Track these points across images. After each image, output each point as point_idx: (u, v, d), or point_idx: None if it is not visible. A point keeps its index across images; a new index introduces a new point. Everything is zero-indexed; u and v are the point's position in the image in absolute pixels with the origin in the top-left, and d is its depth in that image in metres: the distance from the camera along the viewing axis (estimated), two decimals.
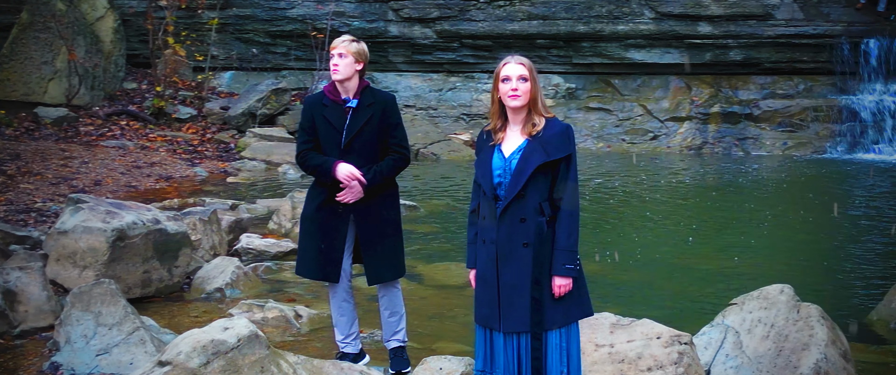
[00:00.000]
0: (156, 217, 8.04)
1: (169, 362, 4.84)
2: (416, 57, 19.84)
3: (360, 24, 19.45)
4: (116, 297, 6.52)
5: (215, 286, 8.17)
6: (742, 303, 6.48)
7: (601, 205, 13.11)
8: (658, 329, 5.88)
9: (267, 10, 19.65)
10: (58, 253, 7.61)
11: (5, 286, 6.98)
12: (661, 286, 8.94)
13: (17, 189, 12.47)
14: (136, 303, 7.72)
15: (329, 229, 6.01)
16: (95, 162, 14.63)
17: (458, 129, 19.03)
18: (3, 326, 6.88)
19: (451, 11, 19.21)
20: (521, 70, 4.82)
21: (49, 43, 18.00)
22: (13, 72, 17.91)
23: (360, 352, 6.29)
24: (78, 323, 6.43)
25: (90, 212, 7.71)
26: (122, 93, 19.14)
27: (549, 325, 4.78)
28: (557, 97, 19.68)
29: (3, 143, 15.23)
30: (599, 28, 18.97)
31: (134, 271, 7.73)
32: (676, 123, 19.39)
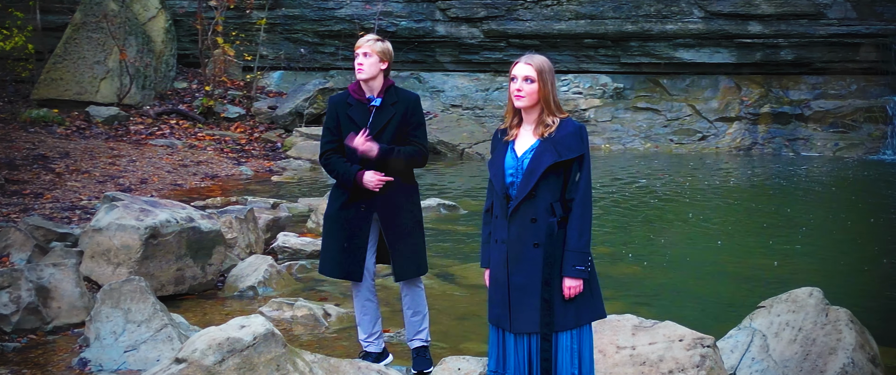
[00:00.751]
0: (190, 215, 8.12)
1: (185, 359, 4.88)
2: (463, 57, 19.84)
3: (408, 24, 19.50)
4: (146, 294, 6.59)
5: (248, 284, 8.24)
6: (770, 306, 6.40)
7: (642, 206, 13.02)
8: (681, 331, 5.82)
9: (316, 10, 19.77)
10: (92, 250, 7.72)
11: (39, 283, 7.09)
12: (694, 288, 8.86)
13: (65, 187, 12.67)
14: (169, 300, 7.84)
15: (352, 228, 6.04)
16: (143, 160, 14.82)
17: None
18: (36, 322, 6.99)
19: (499, 11, 19.18)
20: (527, 71, 4.81)
21: (101, 43, 18.28)
22: (66, 71, 18.20)
23: (383, 351, 6.31)
24: (107, 320, 6.51)
25: (124, 210, 7.81)
26: (172, 92, 19.38)
27: (560, 327, 4.76)
28: (605, 97, 19.57)
29: (53, 141, 15.49)
30: (648, 27, 18.83)
31: (167, 268, 7.82)
32: (725, 124, 19.19)
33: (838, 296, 6.97)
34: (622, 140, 19.13)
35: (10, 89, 18.72)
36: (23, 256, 8.44)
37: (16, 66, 18.80)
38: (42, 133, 16.10)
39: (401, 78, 20.13)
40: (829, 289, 6.59)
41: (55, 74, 18.19)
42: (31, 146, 14.80)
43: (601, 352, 5.83)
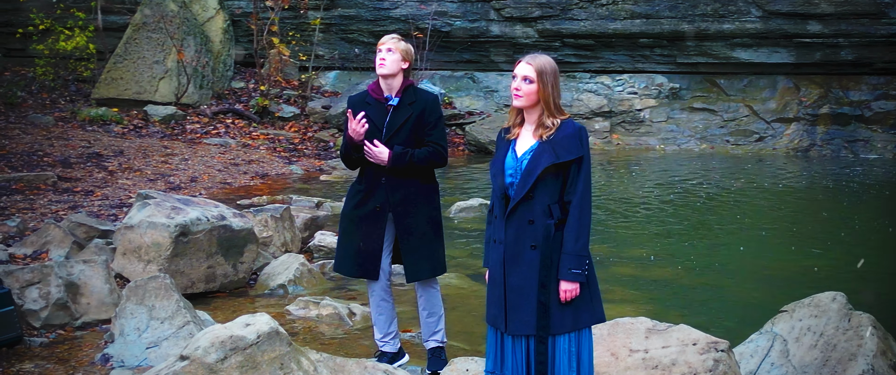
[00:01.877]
0: (221, 214, 8.21)
1: (188, 356, 4.94)
2: (518, 56, 19.64)
3: (462, 24, 19.50)
4: (170, 291, 6.68)
5: (278, 283, 8.31)
6: (792, 310, 6.29)
7: (690, 207, 12.87)
8: (695, 335, 5.75)
9: (371, 10, 19.85)
10: (124, 247, 7.85)
11: (68, 279, 7.22)
12: (728, 291, 8.74)
13: (115, 185, 12.89)
14: (199, 298, 7.95)
15: (367, 227, 6.05)
16: (195, 159, 15.02)
17: None
18: (65, 317, 7.13)
19: (553, 10, 19.09)
20: (527, 70, 4.80)
21: (161, 43, 18.56)
22: (126, 71, 18.51)
23: (400, 351, 6.32)
24: (132, 316, 6.61)
25: (156, 208, 7.93)
26: (229, 92, 19.61)
27: (557, 330, 4.72)
28: (661, 97, 19.38)
29: (109, 139, 15.78)
30: (704, 27, 18.59)
31: (198, 266, 7.92)
32: (783, 125, 18.89)
33: (869, 302, 6.84)
34: (677, 141, 18.93)
35: (72, 89, 19.10)
36: (61, 252, 8.62)
37: (78, 65, 19.18)
38: (99, 132, 16.41)
39: (455, 78, 20.17)
40: (865, 295, 6.46)
41: (115, 73, 18.51)
42: (87, 144, 15.08)
43: (613, 355, 5.79)
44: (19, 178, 12.48)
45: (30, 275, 7.11)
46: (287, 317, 7.56)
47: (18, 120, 16.50)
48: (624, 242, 10.58)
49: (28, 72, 19.38)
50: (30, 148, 14.39)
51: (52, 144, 14.88)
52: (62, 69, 19.26)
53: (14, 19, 20.08)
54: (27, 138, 15.01)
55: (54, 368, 6.38)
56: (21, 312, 7.01)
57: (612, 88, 19.47)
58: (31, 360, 6.50)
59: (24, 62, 19.93)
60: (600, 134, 19.02)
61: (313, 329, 7.31)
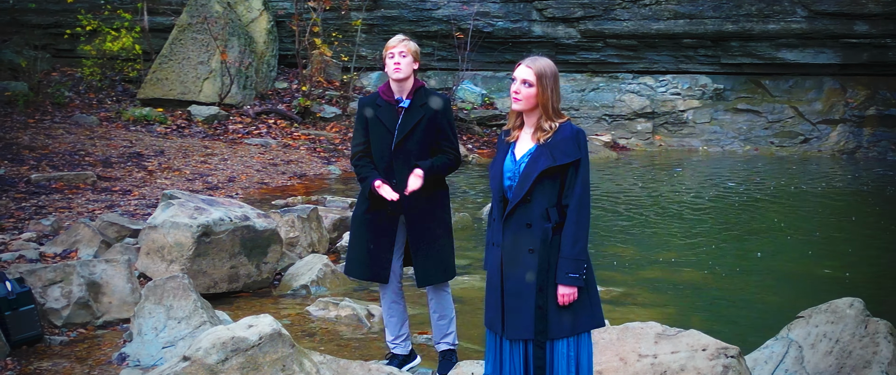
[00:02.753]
0: (245, 214, 8.26)
1: (189, 357, 4.98)
2: (560, 57, 19.68)
3: (504, 25, 19.46)
4: (188, 291, 6.73)
5: (301, 283, 8.35)
6: (809, 316, 6.20)
7: (727, 210, 12.71)
8: (705, 340, 5.68)
9: (414, 10, 19.89)
10: (148, 247, 7.93)
11: (90, 278, 7.32)
12: (754, 296, 8.64)
13: (153, 184, 13.04)
14: (222, 298, 8.01)
15: (378, 230, 6.05)
16: (234, 159, 15.15)
17: (600, 130, 18.81)
18: (87, 316, 7.22)
19: (596, 11, 18.99)
20: (526, 74, 4.75)
21: (205, 44, 18.73)
22: (171, 71, 18.71)
23: (411, 353, 6.32)
24: (150, 316, 6.68)
25: (179, 208, 8.00)
26: (273, 92, 19.75)
27: (555, 334, 4.69)
28: (704, 98, 19.19)
29: (151, 139, 15.97)
30: (749, 27, 18.37)
31: (220, 266, 7.98)
32: (829, 126, 18.62)
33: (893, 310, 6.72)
34: (721, 142, 18.73)
35: (118, 89, 19.34)
36: (90, 251, 8.74)
37: (124, 66, 19.44)
38: (142, 132, 16.61)
39: (497, 78, 20.13)
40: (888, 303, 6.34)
41: (161, 73, 18.71)
42: (128, 144, 15.28)
43: (622, 360, 5.74)
44: (59, 177, 12.67)
45: (52, 274, 7.22)
46: (307, 318, 7.60)
47: (64, 120, 16.76)
48: (653, 245, 10.49)
49: (76, 72, 19.66)
50: (72, 148, 14.61)
51: (94, 143, 15.09)
52: (109, 70, 19.52)
53: (63, 21, 20.41)
54: (70, 138, 15.24)
55: (71, 366, 6.46)
56: (43, 310, 7.11)
57: (655, 88, 19.32)
58: (50, 358, 6.60)
59: (73, 63, 20.23)
60: (642, 135, 18.89)
61: (332, 330, 7.34)
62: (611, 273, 9.15)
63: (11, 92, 17.32)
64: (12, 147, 14.21)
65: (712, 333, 6.94)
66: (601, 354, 5.78)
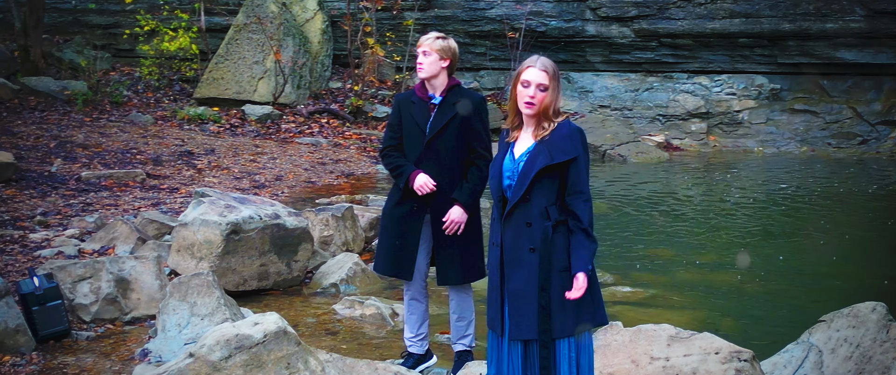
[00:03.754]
0: (276, 213, 8.32)
1: (194, 354, 5.03)
2: (614, 56, 19.55)
3: (557, 24, 19.37)
4: (212, 288, 6.80)
5: (331, 282, 8.40)
6: (831, 320, 6.07)
7: (771, 212, 12.51)
8: (718, 343, 5.61)
9: (467, 10, 19.88)
10: (178, 244, 8.03)
11: (119, 275, 7.43)
12: (788, 299, 8.48)
13: (201, 182, 13.20)
14: (252, 295, 8.08)
15: (404, 227, 6.05)
16: (284, 158, 15.28)
17: (653, 130, 18.63)
18: (115, 312, 7.33)
19: (650, 10, 18.81)
20: (542, 78, 4.68)
21: (261, 44, 18.91)
22: (227, 71, 18.92)
23: (427, 353, 6.32)
24: (174, 312, 6.76)
25: (210, 206, 8.09)
26: (326, 92, 19.88)
27: (558, 333, 4.65)
28: (760, 98, 18.90)
29: (203, 138, 16.18)
30: (806, 26, 18.05)
31: (250, 264, 8.04)
32: (888, 127, 18.21)
33: None
34: (777, 143, 18.44)
35: (176, 88, 19.61)
36: (127, 248, 8.88)
37: (182, 65, 19.72)
38: (195, 130, 16.83)
39: None
40: None
41: (217, 73, 18.94)
42: (180, 143, 15.49)
43: (634, 362, 5.68)
44: (109, 175, 12.89)
45: (82, 270, 7.34)
46: (332, 316, 7.64)
47: (120, 119, 17.04)
48: (693, 246, 10.37)
49: (135, 72, 19.98)
50: (125, 146, 14.86)
51: (147, 142, 15.33)
52: (167, 69, 19.80)
53: (123, 21, 20.74)
54: (124, 137, 15.49)
55: (94, 361, 6.57)
56: (72, 306, 7.24)
57: (710, 89, 19.08)
58: (75, 353, 6.71)
59: (132, 63, 20.56)
60: (697, 136, 18.66)
61: (356, 328, 7.37)
62: (645, 275, 9.06)
63: (71, 91, 17.66)
64: (66, 145, 14.49)
65: (742, 337, 6.88)
66: (613, 356, 5.73)
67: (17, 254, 9.16)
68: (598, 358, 5.76)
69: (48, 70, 19.04)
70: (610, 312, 7.71)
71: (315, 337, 7.12)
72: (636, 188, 14.14)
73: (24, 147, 14.12)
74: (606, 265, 9.31)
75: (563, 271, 4.69)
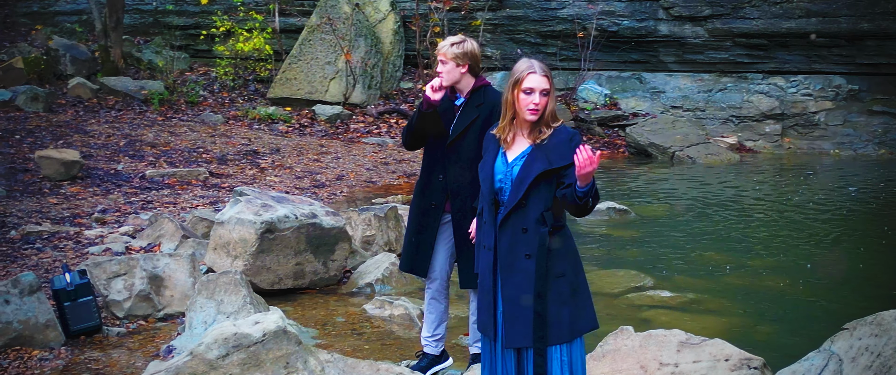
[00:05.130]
0: (313, 212, 8.38)
1: (192, 352, 5.09)
2: (688, 56, 19.22)
3: (630, 24, 19.14)
4: (239, 287, 6.89)
5: (367, 281, 8.42)
6: (853, 328, 5.88)
7: (835, 218, 12.14)
8: (728, 350, 5.49)
9: (538, 10, 19.76)
10: (215, 243, 8.14)
11: (153, 272, 7.56)
12: (836, 306, 8.23)
13: (263, 181, 13.38)
14: (288, 294, 8.16)
15: (421, 223, 6.08)
16: (347, 158, 15.39)
17: (726, 131, 18.28)
18: (148, 309, 7.47)
19: (724, 9, 18.45)
20: (545, 83, 4.63)
21: (333, 44, 19.09)
22: (300, 71, 19.14)
23: (442, 354, 6.30)
24: (201, 310, 6.86)
25: (246, 205, 8.18)
26: (397, 92, 19.97)
27: (555, 340, 4.61)
28: (838, 100, 18.40)
29: (270, 137, 16.39)
30: (886, 25, 17.48)
31: (285, 262, 8.11)
32: None
33: None
34: (853, 146, 17.93)
35: (250, 88, 19.90)
36: (172, 245, 9.04)
37: (256, 66, 20.00)
38: (263, 130, 17.06)
39: (622, 78, 19.82)
40: None
41: (290, 73, 19.17)
42: (247, 142, 15.71)
43: (642, 368, 5.59)
44: (173, 173, 13.14)
45: (116, 267, 7.49)
46: (362, 316, 7.67)
47: (192, 118, 17.36)
48: (745, 251, 10.14)
49: (211, 72, 20.32)
50: (192, 145, 15.12)
51: (214, 141, 15.58)
52: (242, 70, 20.10)
53: (201, 22, 21.13)
54: (192, 136, 15.77)
55: (119, 356, 6.70)
56: (107, 302, 7.40)
57: (785, 89, 18.64)
58: (103, 349, 6.85)
59: (209, 63, 20.91)
60: (771, 138, 18.26)
61: (383, 328, 7.39)
62: (688, 279, 8.91)
63: (148, 91, 18.06)
64: (135, 144, 14.80)
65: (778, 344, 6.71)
66: (622, 361, 5.65)
67: (68, 250, 9.40)
68: (607, 363, 5.69)
69: (127, 70, 19.50)
70: (643, 316, 7.68)
71: (340, 337, 7.15)
72: (699, 191, 13.89)
73: (95, 145, 14.47)
74: (649, 267, 9.18)
75: (560, 277, 4.64)
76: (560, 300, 4.63)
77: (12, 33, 21.65)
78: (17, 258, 9.04)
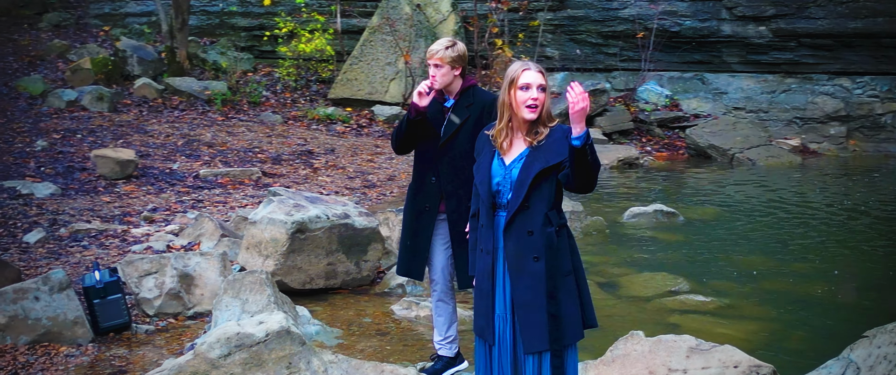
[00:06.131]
0: (346, 212, 8.43)
1: (195, 351, 5.15)
2: (751, 57, 18.91)
3: (692, 24, 18.91)
4: (264, 286, 6.96)
5: (398, 282, 8.45)
6: (873, 336, 5.76)
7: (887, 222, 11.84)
8: (738, 357, 5.40)
9: (599, 10, 19.62)
10: (248, 242, 8.23)
11: (184, 271, 7.68)
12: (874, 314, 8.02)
13: (314, 181, 13.50)
14: (319, 294, 8.21)
15: (416, 226, 6.08)
16: (401, 158, 15.43)
17: (789, 133, 17.95)
18: (178, 307, 7.58)
19: (788, 9, 18.12)
20: (541, 79, 4.64)
21: (394, 45, 19.17)
22: (361, 72, 19.26)
23: (457, 356, 6.28)
24: (226, 309, 6.94)
25: (279, 205, 8.26)
26: None
27: (570, 339, 4.60)
28: None
29: (326, 137, 16.53)
30: None
31: (316, 262, 8.17)
32: None
33: None
34: None
35: (312, 89, 20.07)
36: (211, 244, 9.17)
37: (318, 66, 20.18)
38: (320, 130, 17.20)
39: (683, 79, 19.58)
40: None
41: (350, 74, 19.30)
42: (302, 142, 15.86)
43: (651, 373, 5.53)
44: (226, 173, 13.32)
45: (148, 265, 7.62)
46: (389, 316, 7.69)
47: (251, 118, 17.57)
48: (792, 256, 9.93)
49: (274, 72, 20.55)
50: (249, 145, 15.31)
51: (270, 141, 15.75)
52: (304, 70, 20.29)
53: (266, 23, 21.36)
54: (249, 136, 15.97)
55: (145, 353, 6.81)
56: (138, 300, 7.53)
57: (851, 90, 18.23)
58: (130, 346, 6.97)
59: (274, 64, 21.14)
60: (835, 140, 17.87)
61: (408, 329, 7.40)
62: (726, 283, 8.77)
63: (211, 91, 18.32)
64: (193, 144, 15.04)
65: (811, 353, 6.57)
66: (631, 366, 5.59)
67: (113, 248, 9.59)
68: (617, 368, 5.64)
69: (193, 71, 19.80)
70: (673, 321, 7.59)
71: (364, 337, 7.18)
72: (753, 194, 13.68)
73: (153, 145, 14.73)
74: (688, 271, 9.06)
75: (568, 274, 4.63)
76: (571, 299, 4.61)
77: (84, 34, 22.13)
78: (62, 255, 9.25)
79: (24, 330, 6.77)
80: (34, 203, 11.24)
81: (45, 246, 9.55)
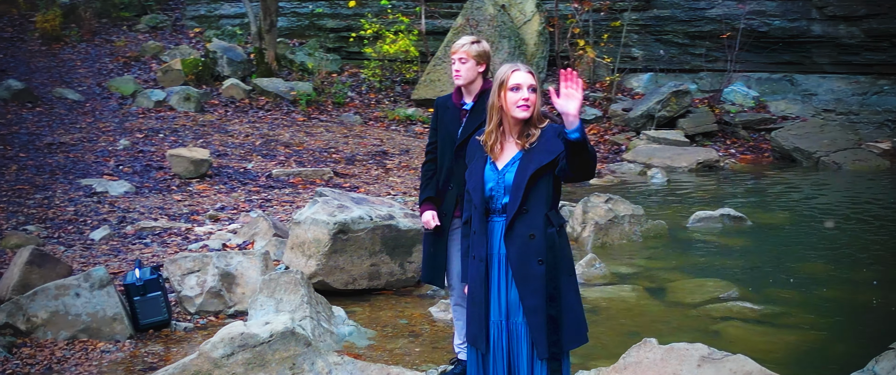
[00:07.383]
0: (390, 213, 8.46)
1: (200, 351, 5.24)
2: (843, 58, 18.38)
3: (781, 24, 18.47)
4: (298, 286, 7.04)
5: None
6: None
7: None
8: (749, 367, 5.27)
9: (686, 10, 19.32)
10: (292, 242, 8.32)
11: (225, 269, 7.80)
12: None
13: (384, 181, 13.59)
14: (362, 294, 8.27)
15: (435, 233, 6.09)
16: None
17: (880, 136, 17.36)
18: (219, 305, 7.71)
19: (881, 9, 17.54)
20: (531, 79, 4.61)
21: None
22: (444, 73, 19.29)
23: None
24: (261, 308, 7.04)
25: (323, 205, 8.33)
26: None
27: (577, 342, 4.55)
28: None
29: (401, 138, 16.64)
30: None
31: (359, 263, 8.22)
32: None
33: None
34: None
35: (396, 90, 20.20)
36: (263, 243, 9.30)
37: (403, 67, 20.30)
38: (398, 131, 17.30)
39: (772, 80, 19.13)
40: None
41: (433, 75, 19.36)
42: (378, 143, 15.97)
43: None
44: (299, 173, 13.49)
45: (191, 264, 7.77)
46: (425, 318, 7.70)
47: (332, 119, 17.75)
48: (856, 264, 9.60)
49: (360, 73, 20.74)
50: (325, 145, 15.48)
51: (347, 141, 15.91)
52: (389, 71, 20.43)
53: (354, 24, 21.58)
54: (327, 136, 16.15)
55: (179, 351, 6.94)
56: (180, 298, 7.68)
57: None
58: (166, 343, 7.11)
59: (360, 65, 21.34)
60: None
61: (442, 332, 7.39)
62: (780, 290, 8.53)
63: (297, 92, 18.58)
64: (270, 143, 15.27)
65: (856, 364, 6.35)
66: (642, 374, 5.49)
67: (174, 246, 9.80)
68: None
69: (280, 72, 20.11)
70: (716, 328, 7.45)
71: (394, 338, 7.20)
72: (831, 199, 13.28)
73: (231, 145, 15.01)
74: (742, 278, 8.86)
75: (571, 274, 4.58)
76: (577, 299, 4.59)
77: (179, 36, 22.67)
78: (122, 252, 9.50)
79: (64, 326, 6.96)
80: (107, 201, 11.56)
81: (108, 243, 9.81)
